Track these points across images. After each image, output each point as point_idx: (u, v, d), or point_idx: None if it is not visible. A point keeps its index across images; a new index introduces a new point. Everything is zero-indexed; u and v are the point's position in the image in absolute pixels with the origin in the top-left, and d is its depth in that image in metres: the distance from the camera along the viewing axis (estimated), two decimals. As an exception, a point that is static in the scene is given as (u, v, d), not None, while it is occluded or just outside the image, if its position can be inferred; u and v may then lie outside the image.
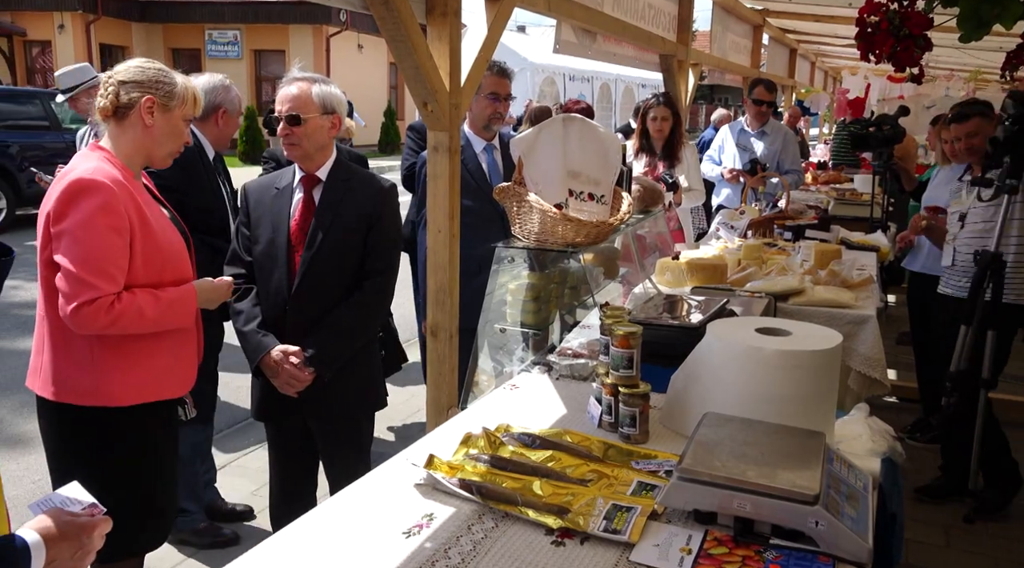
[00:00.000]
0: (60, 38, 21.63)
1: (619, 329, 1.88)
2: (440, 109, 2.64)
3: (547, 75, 22.53)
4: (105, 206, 2.02)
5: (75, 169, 2.08)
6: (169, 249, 2.20)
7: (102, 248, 2.02)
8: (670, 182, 4.45)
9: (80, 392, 2.11)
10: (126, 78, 2.15)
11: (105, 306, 2.02)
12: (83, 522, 1.25)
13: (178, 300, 2.19)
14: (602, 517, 1.46)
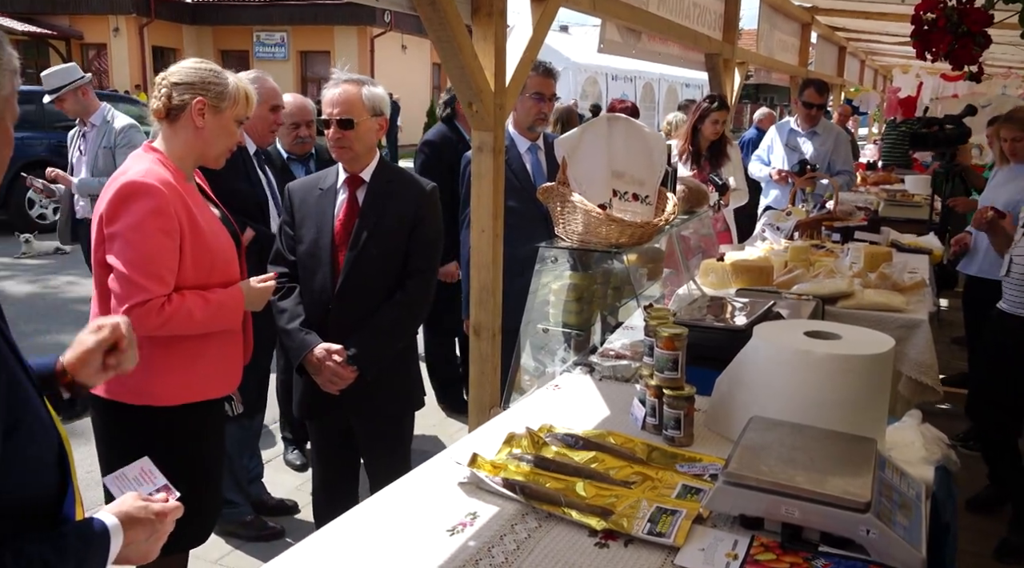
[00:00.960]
0: (115, 41, 22.26)
1: (664, 331, 1.86)
2: (485, 109, 2.65)
3: (590, 75, 22.44)
4: (156, 209, 2.05)
5: (128, 171, 2.12)
6: (218, 250, 2.22)
7: (153, 251, 2.06)
8: (719, 184, 4.41)
9: (129, 391, 2.15)
10: (178, 79, 2.18)
11: (156, 308, 2.05)
12: (158, 508, 1.28)
13: (227, 302, 2.22)
14: (646, 520, 1.45)
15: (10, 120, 1.13)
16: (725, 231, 4.92)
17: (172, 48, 22.88)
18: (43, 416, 1.14)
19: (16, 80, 1.14)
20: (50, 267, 8.50)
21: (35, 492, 1.13)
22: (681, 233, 3.47)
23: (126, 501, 1.25)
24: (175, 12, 23.04)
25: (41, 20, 22.04)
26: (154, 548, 1.29)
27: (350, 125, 2.48)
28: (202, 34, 23.69)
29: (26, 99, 10.64)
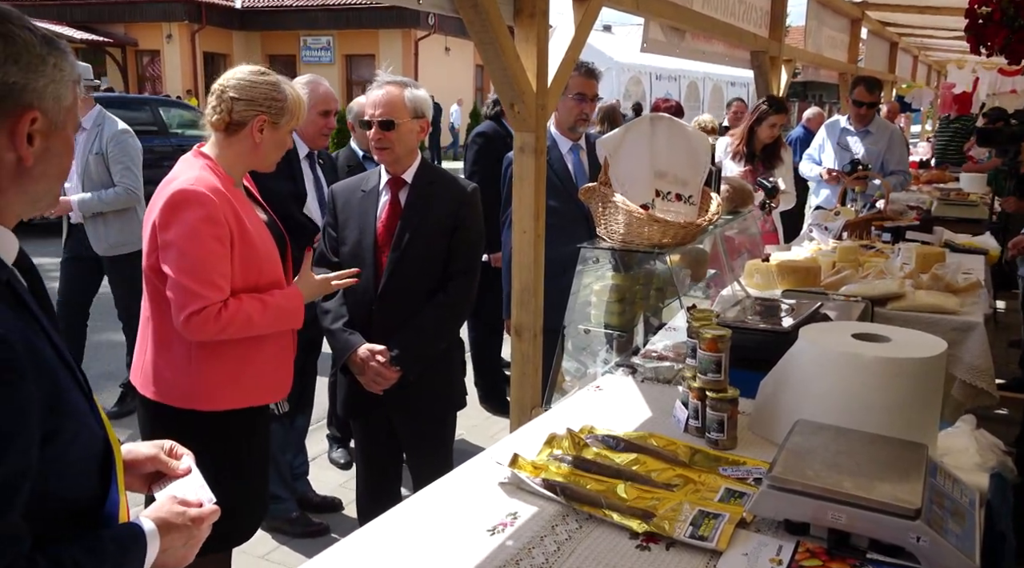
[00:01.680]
0: (168, 47, 22.87)
1: (707, 332, 1.84)
2: (527, 110, 2.65)
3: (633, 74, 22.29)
4: (207, 217, 2.07)
5: (177, 178, 2.14)
6: (265, 253, 2.24)
7: (207, 258, 2.08)
8: (769, 187, 4.34)
9: (177, 395, 2.18)
10: (239, 95, 2.15)
11: (213, 314, 2.07)
12: (194, 513, 1.27)
13: (284, 304, 2.22)
14: (688, 523, 1.44)
15: (71, 129, 1.15)
16: (772, 232, 4.84)
17: (222, 54, 23.41)
18: (89, 421, 1.15)
19: (78, 90, 1.16)
20: (105, 268, 8.74)
21: (75, 495, 1.13)
22: (725, 233, 3.43)
23: (163, 506, 1.25)
24: (225, 18, 23.57)
25: (98, 28, 22.77)
26: (190, 553, 1.29)
27: (391, 126, 2.50)
28: (251, 39, 24.18)
29: (83, 105, 11.00)
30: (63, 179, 1.18)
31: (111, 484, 1.19)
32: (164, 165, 2.68)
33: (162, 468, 1.37)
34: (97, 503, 1.17)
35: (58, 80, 1.09)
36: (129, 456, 1.34)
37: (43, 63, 1.07)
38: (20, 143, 1.06)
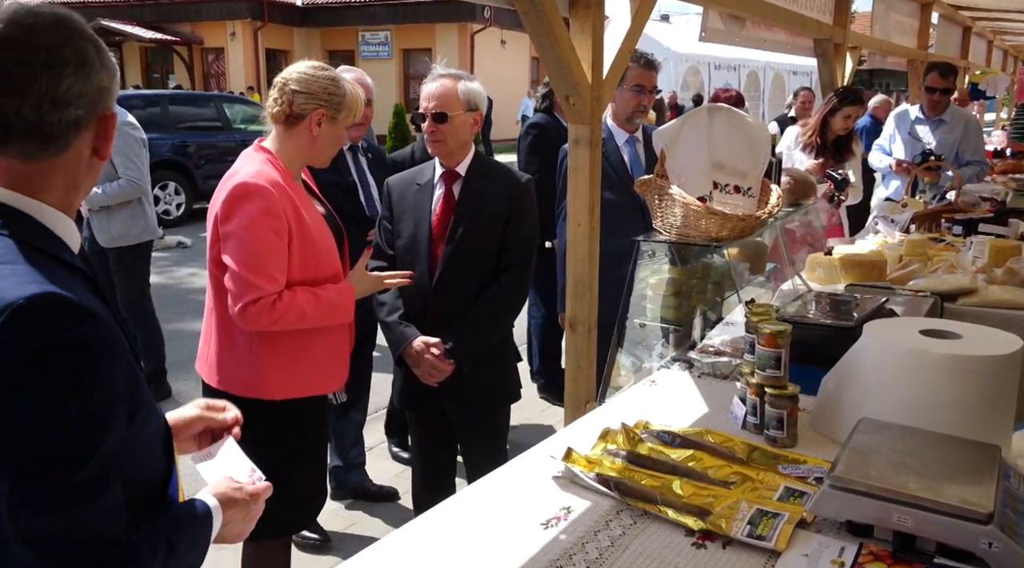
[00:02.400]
0: (232, 45, 23.45)
1: (766, 327, 1.80)
2: (582, 102, 2.63)
3: (691, 65, 21.94)
4: (266, 210, 2.12)
5: (239, 171, 2.20)
6: (323, 246, 2.28)
7: (264, 250, 2.13)
8: (839, 179, 4.22)
9: (239, 383, 2.25)
10: (300, 88, 2.20)
11: (268, 305, 2.12)
12: (251, 489, 1.34)
13: (336, 299, 2.26)
14: (746, 522, 1.41)
15: None
16: (838, 226, 4.71)
17: (283, 50, 23.89)
18: (151, 402, 1.21)
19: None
20: (172, 259, 9.07)
21: (150, 476, 1.20)
22: (786, 226, 3.35)
23: (221, 484, 1.31)
24: (286, 15, 24.05)
25: (166, 27, 23.49)
26: (247, 528, 1.35)
27: (444, 119, 2.51)
28: (311, 36, 24.61)
29: (150, 102, 11.42)
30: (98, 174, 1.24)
31: (173, 465, 1.26)
32: (227, 160, 2.76)
33: (211, 424, 1.45)
34: (164, 483, 1.23)
35: (114, 79, 1.16)
36: (176, 421, 1.40)
37: (115, 69, 1.15)
38: (107, 141, 1.13)
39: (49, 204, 1.11)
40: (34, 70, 1.04)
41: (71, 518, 1.00)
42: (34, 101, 1.04)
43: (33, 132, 1.06)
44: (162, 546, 1.11)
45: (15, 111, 1.04)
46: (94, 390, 1.02)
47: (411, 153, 3.90)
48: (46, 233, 1.10)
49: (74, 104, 1.07)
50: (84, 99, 1.08)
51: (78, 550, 1.01)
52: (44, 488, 0.99)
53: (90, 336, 1.02)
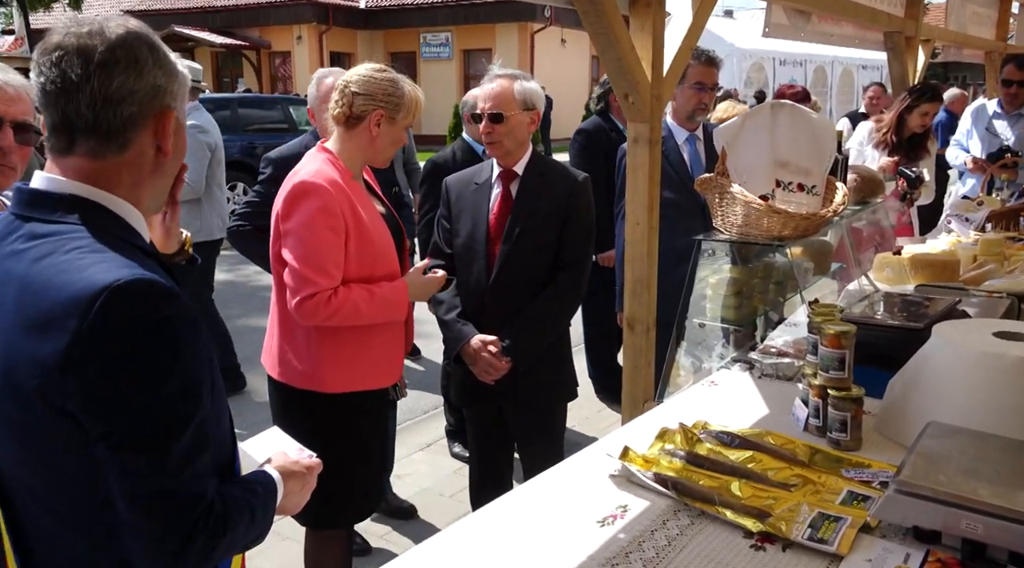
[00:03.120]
0: (298, 48, 24.04)
1: (830, 328, 1.76)
2: (641, 100, 2.62)
3: (755, 61, 21.46)
4: (324, 208, 2.18)
5: (300, 171, 2.26)
6: (380, 245, 2.32)
7: (321, 247, 2.19)
8: (912, 177, 4.09)
9: (298, 376, 2.31)
10: (360, 90, 2.25)
11: (324, 300, 2.18)
12: (307, 463, 1.42)
13: (391, 296, 2.30)
14: (807, 525, 1.38)
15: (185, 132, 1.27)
16: (908, 225, 4.55)
17: (347, 53, 24.35)
18: (221, 385, 1.28)
19: None
20: (239, 257, 9.24)
21: (221, 453, 1.26)
22: (852, 225, 3.26)
23: (279, 457, 1.40)
24: (351, 19, 24.51)
25: (236, 32, 24.23)
26: (303, 499, 1.42)
27: (500, 119, 2.52)
28: (374, 38, 25.02)
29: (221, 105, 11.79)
30: (172, 178, 1.30)
31: (235, 451, 1.33)
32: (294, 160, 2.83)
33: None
34: (231, 460, 1.31)
35: (184, 83, 1.23)
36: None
37: (175, 69, 1.21)
38: (167, 138, 1.19)
39: (120, 197, 1.18)
40: (88, 71, 1.12)
41: (169, 483, 1.08)
42: (88, 100, 1.12)
43: (92, 129, 1.14)
44: (245, 510, 1.20)
45: (75, 110, 1.13)
46: (186, 364, 1.10)
47: (452, 154, 3.92)
48: (122, 223, 1.18)
49: (127, 101, 1.13)
50: (136, 96, 1.14)
51: (176, 512, 1.09)
52: (144, 456, 1.07)
53: (179, 313, 1.09)
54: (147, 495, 1.08)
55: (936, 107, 4.38)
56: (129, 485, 1.08)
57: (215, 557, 1.15)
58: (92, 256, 1.08)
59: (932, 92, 4.39)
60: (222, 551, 1.16)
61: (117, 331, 1.04)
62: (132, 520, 1.09)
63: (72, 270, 1.06)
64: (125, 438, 1.07)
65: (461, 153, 3.91)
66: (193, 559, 1.11)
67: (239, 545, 1.21)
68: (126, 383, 1.05)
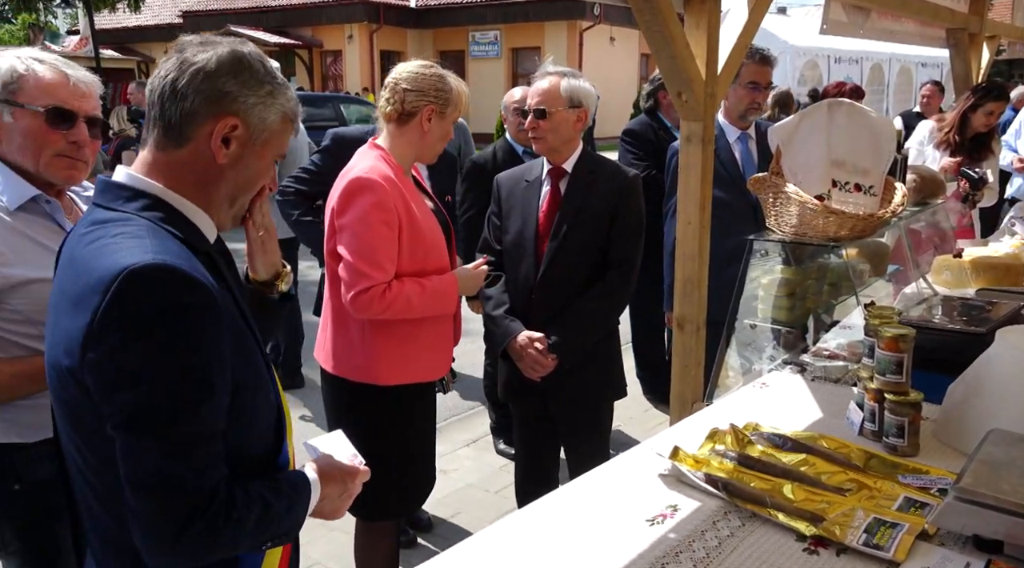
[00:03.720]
0: (349, 47, 24.38)
1: (887, 331, 1.73)
2: (695, 99, 2.59)
3: (809, 59, 21.01)
4: (378, 203, 2.21)
5: (355, 167, 2.30)
6: (431, 239, 2.35)
7: (376, 241, 2.22)
8: (975, 178, 3.97)
9: (353, 369, 2.35)
10: (411, 86, 2.29)
11: (379, 294, 2.22)
12: (348, 468, 1.42)
13: (441, 289, 2.33)
14: (862, 530, 1.36)
15: (271, 154, 1.31)
16: (969, 228, 4.42)
17: (397, 51, 24.60)
18: (267, 384, 1.30)
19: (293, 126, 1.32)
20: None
21: (255, 449, 1.28)
22: (910, 226, 3.18)
23: (322, 461, 1.40)
24: (401, 18, 24.76)
25: (289, 32, 24.68)
26: (343, 505, 1.42)
27: (543, 115, 2.53)
28: (423, 37, 25.23)
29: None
30: (246, 193, 1.33)
31: (283, 442, 1.35)
32: (346, 157, 2.89)
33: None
34: (272, 457, 1.32)
35: (268, 104, 1.27)
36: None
37: (259, 85, 1.26)
38: (214, 140, 1.23)
39: (182, 195, 1.24)
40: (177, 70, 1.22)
41: (168, 469, 1.10)
42: (160, 92, 1.22)
43: (161, 120, 1.22)
44: (258, 504, 1.20)
45: (153, 100, 1.23)
46: (198, 352, 1.12)
47: (492, 154, 3.94)
48: (179, 217, 1.23)
49: (189, 98, 1.20)
50: (200, 95, 1.20)
51: (176, 497, 1.11)
52: (143, 439, 1.10)
53: (194, 302, 1.11)
54: (144, 478, 1.10)
55: (1002, 106, 4.24)
56: (128, 467, 1.10)
57: (217, 547, 1.15)
58: (129, 241, 1.13)
59: (999, 90, 4.25)
60: (225, 542, 1.15)
61: (128, 313, 1.08)
62: (131, 502, 1.11)
63: (107, 253, 1.11)
64: (127, 419, 1.09)
65: (502, 153, 3.93)
66: (189, 547, 1.12)
67: (250, 539, 1.20)
68: (131, 364, 1.08)
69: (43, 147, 1.72)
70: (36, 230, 1.73)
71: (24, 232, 1.72)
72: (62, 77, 1.74)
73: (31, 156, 1.73)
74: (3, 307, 1.66)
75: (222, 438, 1.17)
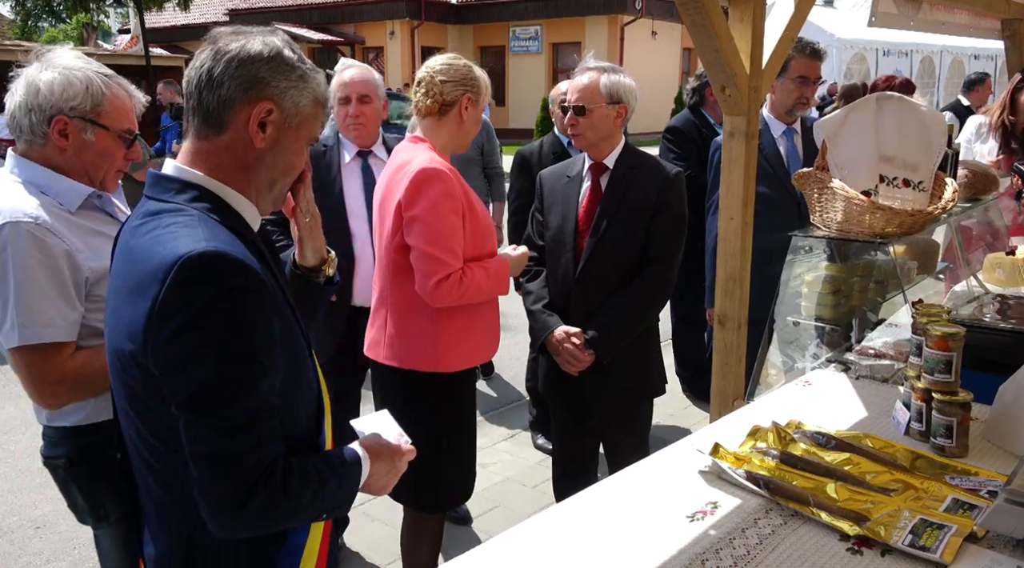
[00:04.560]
0: (391, 43, 24.57)
1: (936, 329, 1.69)
2: (739, 93, 2.56)
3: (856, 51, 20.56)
4: (446, 192, 2.24)
5: (414, 160, 2.31)
6: (486, 224, 2.40)
7: (448, 229, 2.25)
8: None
9: (423, 360, 2.35)
10: (447, 78, 2.33)
11: (456, 280, 2.25)
12: (395, 447, 1.46)
13: (501, 271, 2.39)
14: (908, 531, 1.34)
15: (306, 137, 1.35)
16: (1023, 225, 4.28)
17: (438, 47, 24.68)
18: (309, 369, 1.34)
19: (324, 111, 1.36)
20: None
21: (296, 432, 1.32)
22: (961, 223, 3.11)
23: (369, 439, 1.44)
24: (442, 14, 24.87)
25: (332, 29, 24.96)
26: (390, 482, 1.46)
27: (582, 112, 2.53)
28: (464, 33, 25.30)
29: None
30: (289, 178, 1.37)
31: (322, 427, 1.39)
32: (386, 154, 2.92)
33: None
34: (313, 438, 1.37)
35: (300, 88, 1.31)
36: None
37: (291, 71, 1.30)
38: (252, 125, 1.27)
39: (225, 182, 1.28)
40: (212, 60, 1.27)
41: (230, 444, 1.15)
42: (197, 81, 1.27)
43: (199, 109, 1.27)
44: (313, 478, 1.25)
45: (191, 91, 1.28)
46: (250, 333, 1.17)
47: (539, 146, 3.97)
48: (223, 206, 1.27)
49: (225, 85, 1.24)
50: (235, 82, 1.24)
51: (237, 470, 1.16)
52: (203, 416, 1.15)
53: (246, 286, 1.17)
54: (207, 453, 1.15)
55: None
56: (192, 443, 1.16)
57: (279, 517, 1.21)
58: (182, 230, 1.18)
59: None
60: (285, 513, 1.21)
61: (186, 298, 1.13)
62: (196, 477, 1.17)
63: (163, 242, 1.17)
64: (189, 399, 1.15)
65: (549, 145, 3.96)
66: (252, 516, 1.17)
67: (307, 511, 1.26)
68: (191, 346, 1.13)
69: (112, 164, 1.84)
70: (98, 224, 1.83)
71: (91, 228, 1.81)
72: (129, 100, 1.85)
73: (99, 172, 1.83)
74: (92, 298, 1.76)
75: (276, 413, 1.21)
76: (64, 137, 1.77)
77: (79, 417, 1.82)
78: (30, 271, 1.67)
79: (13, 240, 1.67)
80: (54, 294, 1.70)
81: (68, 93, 1.74)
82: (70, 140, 1.77)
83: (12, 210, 1.69)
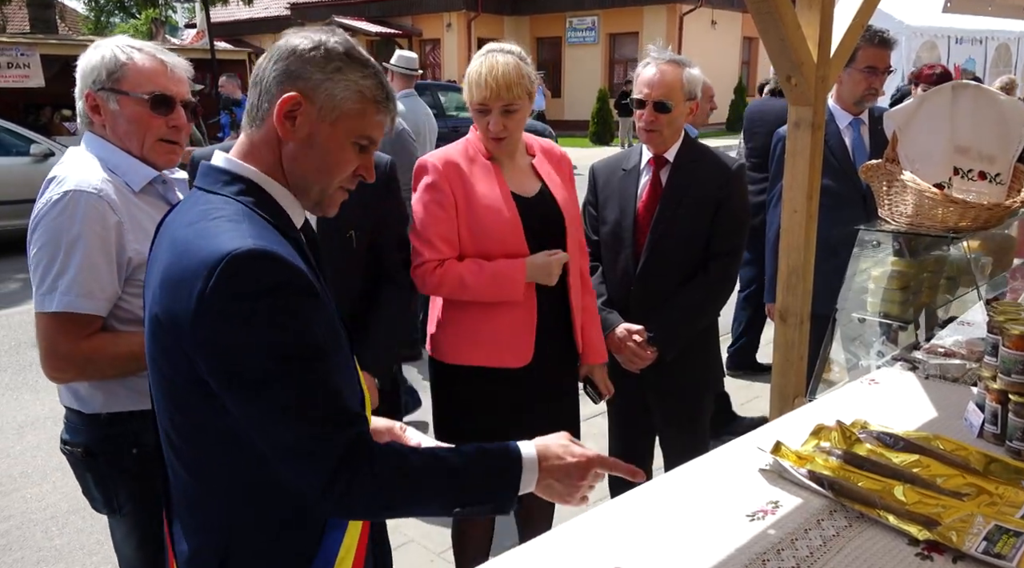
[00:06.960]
0: (447, 35, 24.68)
1: (1014, 328, 1.62)
2: (805, 83, 2.49)
3: (927, 39, 19.80)
4: (430, 184, 2.24)
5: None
6: (491, 221, 2.24)
7: (427, 220, 2.24)
8: None
9: (433, 345, 2.38)
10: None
11: (430, 270, 2.24)
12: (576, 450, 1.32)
13: (503, 272, 2.23)
14: (981, 537, 1.29)
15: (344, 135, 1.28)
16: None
17: (494, 38, 24.57)
18: (351, 366, 1.34)
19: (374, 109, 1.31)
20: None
21: None
22: (1041, 218, 2.96)
23: (549, 439, 1.33)
24: (498, 5, 24.86)
25: (390, 22, 25.21)
26: (573, 492, 1.31)
27: (666, 109, 2.46)
28: (520, 24, 25.24)
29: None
30: (322, 177, 1.30)
31: None
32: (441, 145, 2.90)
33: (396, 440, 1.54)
34: None
35: (335, 80, 1.26)
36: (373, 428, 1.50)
37: (326, 62, 1.26)
38: (279, 115, 1.25)
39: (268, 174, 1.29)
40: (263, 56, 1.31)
41: (298, 431, 1.16)
42: (254, 79, 1.30)
43: (250, 103, 1.30)
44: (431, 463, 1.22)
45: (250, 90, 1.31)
46: (295, 325, 1.17)
47: None
48: (268, 201, 1.28)
49: (265, 79, 1.27)
50: (272, 75, 1.26)
51: (312, 458, 1.16)
52: (265, 412, 1.16)
53: (289, 281, 1.17)
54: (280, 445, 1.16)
55: None
56: (263, 437, 1.17)
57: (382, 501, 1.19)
58: (227, 225, 1.19)
59: None
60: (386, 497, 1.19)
61: (232, 294, 1.13)
62: (279, 467, 1.18)
63: (209, 236, 1.17)
64: (244, 393, 1.15)
65: None
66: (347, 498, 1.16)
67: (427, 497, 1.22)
68: (240, 341, 1.14)
69: (147, 132, 1.83)
70: (155, 210, 1.83)
71: (148, 212, 1.82)
72: (160, 64, 1.84)
73: (136, 141, 1.83)
74: (132, 282, 1.78)
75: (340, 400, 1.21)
76: (97, 112, 1.81)
77: (95, 405, 1.83)
78: (84, 239, 1.70)
79: (73, 208, 1.70)
80: (102, 265, 1.72)
81: (87, 68, 1.79)
82: (102, 114, 1.81)
83: (79, 181, 1.73)
